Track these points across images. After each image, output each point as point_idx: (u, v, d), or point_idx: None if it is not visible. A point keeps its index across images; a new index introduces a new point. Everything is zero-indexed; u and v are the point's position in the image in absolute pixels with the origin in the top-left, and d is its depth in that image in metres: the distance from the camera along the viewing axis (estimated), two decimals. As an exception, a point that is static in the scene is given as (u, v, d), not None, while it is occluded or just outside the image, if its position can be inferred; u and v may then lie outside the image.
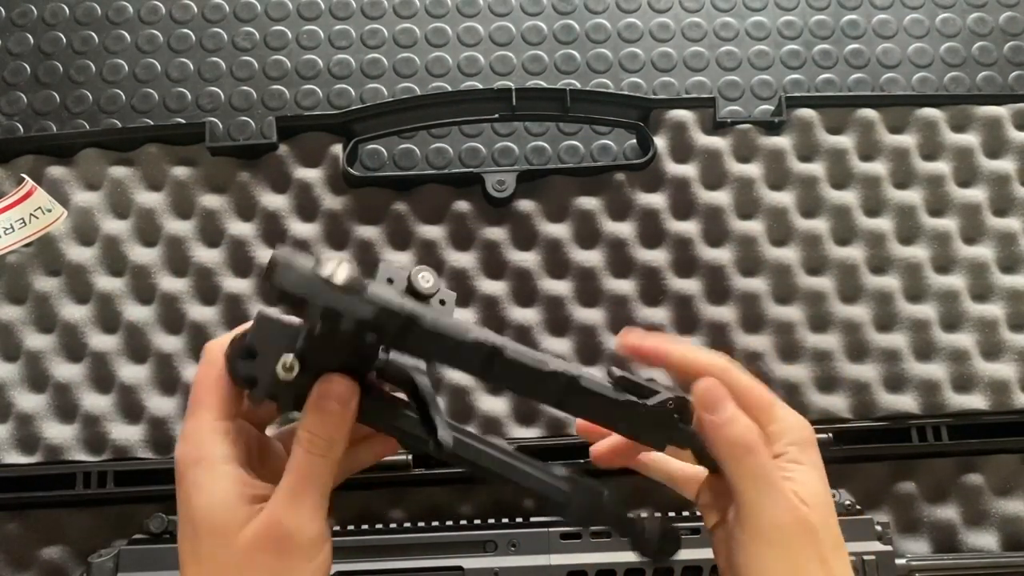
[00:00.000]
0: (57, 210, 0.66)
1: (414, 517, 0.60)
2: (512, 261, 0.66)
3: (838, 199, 0.68)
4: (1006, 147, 0.69)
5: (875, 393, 0.64)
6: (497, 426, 0.63)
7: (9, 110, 0.76)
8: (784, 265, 0.66)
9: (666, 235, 0.67)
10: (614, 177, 0.68)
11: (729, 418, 0.39)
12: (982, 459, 0.64)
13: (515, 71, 0.78)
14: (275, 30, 0.79)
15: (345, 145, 0.67)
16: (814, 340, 0.65)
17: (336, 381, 0.37)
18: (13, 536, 0.62)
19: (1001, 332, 0.66)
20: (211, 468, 0.37)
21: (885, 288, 0.66)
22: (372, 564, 0.55)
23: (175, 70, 0.77)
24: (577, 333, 0.65)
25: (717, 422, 0.39)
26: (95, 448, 0.63)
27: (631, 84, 0.77)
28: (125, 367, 0.64)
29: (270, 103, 0.77)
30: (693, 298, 0.66)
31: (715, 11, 0.80)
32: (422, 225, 0.67)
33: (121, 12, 0.79)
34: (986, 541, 0.63)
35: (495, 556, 0.55)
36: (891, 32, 0.79)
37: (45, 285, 0.65)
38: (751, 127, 0.68)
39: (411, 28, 0.79)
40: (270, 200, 0.67)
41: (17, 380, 0.64)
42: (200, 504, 0.37)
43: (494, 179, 0.66)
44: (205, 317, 0.65)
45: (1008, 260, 0.68)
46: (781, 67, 0.78)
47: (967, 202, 0.68)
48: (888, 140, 0.69)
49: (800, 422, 0.42)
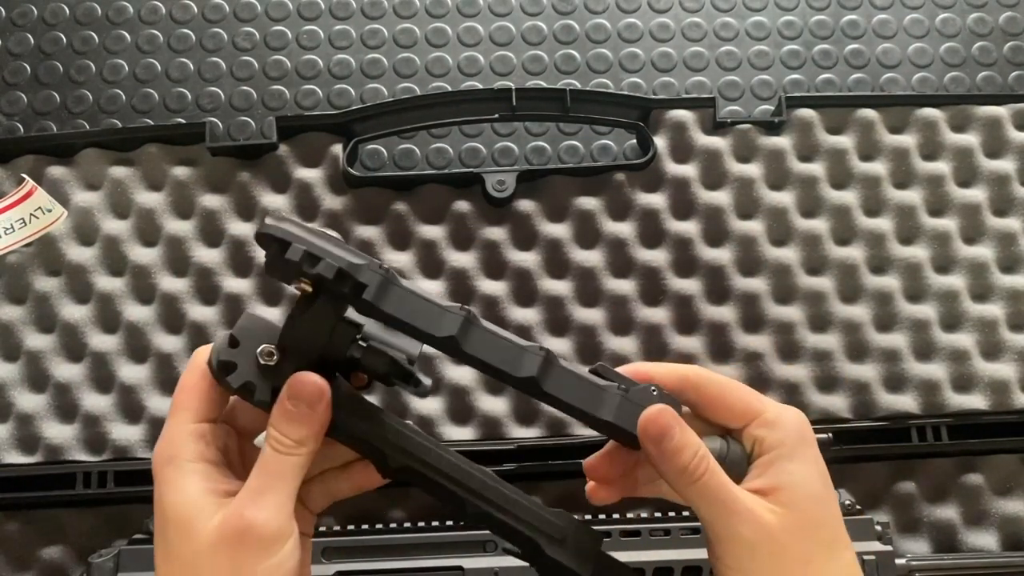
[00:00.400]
0: (57, 210, 0.66)
1: (414, 517, 0.60)
2: (512, 261, 0.66)
3: (838, 199, 0.68)
4: (1006, 147, 0.69)
5: (875, 393, 0.64)
6: (497, 426, 0.63)
7: (9, 110, 0.76)
8: (784, 265, 0.66)
9: (666, 235, 0.67)
10: (614, 177, 0.68)
11: (675, 447, 0.38)
12: (982, 459, 0.64)
13: (515, 71, 0.78)
14: (275, 30, 0.79)
15: (345, 145, 0.67)
16: (814, 340, 0.65)
17: (306, 380, 0.38)
18: (13, 536, 0.62)
19: (1001, 332, 0.66)
20: (180, 466, 0.38)
21: (885, 288, 0.66)
22: (372, 564, 0.55)
23: (175, 70, 0.77)
24: (577, 333, 0.65)
25: (665, 453, 0.39)
26: (95, 448, 0.63)
27: (631, 84, 0.77)
28: (125, 367, 0.64)
29: (270, 103, 0.77)
30: (693, 298, 0.66)
31: (715, 11, 0.80)
32: (422, 225, 0.67)
33: (121, 12, 0.79)
34: (986, 541, 0.63)
35: (495, 556, 0.55)
36: (891, 32, 0.79)
37: (45, 285, 0.65)
38: (751, 127, 0.68)
39: (411, 28, 0.79)
40: (270, 200, 0.67)
41: (17, 380, 0.64)
42: (169, 501, 0.38)
43: (494, 179, 0.66)
44: (205, 317, 0.65)
45: (1008, 260, 0.68)
46: (781, 67, 0.78)
47: (967, 202, 0.68)
48: (888, 140, 0.69)
49: (793, 418, 0.41)
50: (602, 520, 0.56)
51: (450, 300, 0.65)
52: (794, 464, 0.40)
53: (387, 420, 0.40)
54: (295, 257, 0.36)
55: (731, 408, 0.42)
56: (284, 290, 0.66)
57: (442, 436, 0.63)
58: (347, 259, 0.37)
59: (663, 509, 0.58)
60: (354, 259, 0.37)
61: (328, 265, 0.36)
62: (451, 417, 0.64)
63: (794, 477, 0.39)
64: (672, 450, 0.39)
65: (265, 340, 0.39)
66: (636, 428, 0.39)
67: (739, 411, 0.42)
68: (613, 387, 0.40)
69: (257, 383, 0.39)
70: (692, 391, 0.42)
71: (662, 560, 0.55)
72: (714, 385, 0.42)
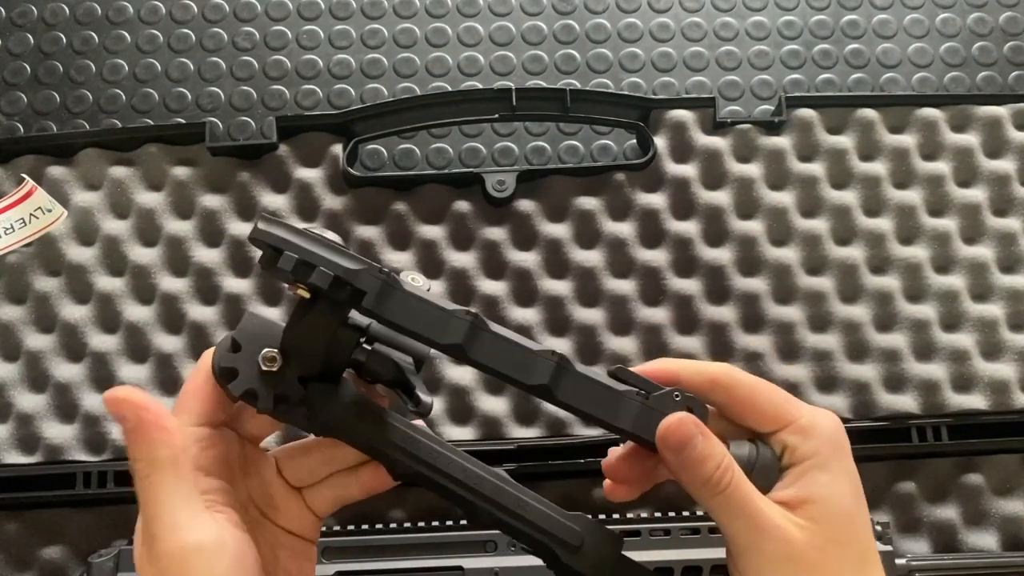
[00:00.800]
0: (57, 210, 0.66)
1: (414, 517, 0.60)
2: (512, 261, 0.66)
3: (838, 199, 0.68)
4: (1006, 147, 0.69)
5: (875, 393, 0.64)
6: (497, 426, 0.63)
7: (9, 110, 0.76)
8: (784, 265, 0.66)
9: (666, 235, 0.67)
10: (614, 177, 0.68)
11: (697, 457, 0.37)
12: (982, 459, 0.64)
13: (515, 71, 0.78)
14: (275, 30, 0.79)
15: (345, 145, 0.67)
16: (814, 340, 0.65)
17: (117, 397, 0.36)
18: (13, 536, 0.62)
19: (1001, 332, 0.66)
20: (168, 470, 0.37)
21: (885, 288, 0.66)
22: (372, 564, 0.55)
23: (175, 70, 0.77)
24: (577, 333, 0.65)
25: (686, 463, 0.37)
26: (95, 448, 0.63)
27: (631, 84, 0.77)
28: (125, 367, 0.64)
29: (270, 103, 0.77)
30: (693, 298, 0.66)
31: (715, 11, 0.80)
32: (422, 225, 0.67)
33: (121, 12, 0.79)
34: (986, 541, 0.63)
35: (495, 556, 0.55)
36: (891, 32, 0.79)
37: (45, 285, 0.65)
38: (751, 127, 0.68)
39: (411, 28, 0.79)
40: (270, 200, 0.67)
41: (17, 380, 0.64)
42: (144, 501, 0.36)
43: (494, 179, 0.66)
44: (205, 317, 0.65)
45: (1008, 260, 0.68)
46: (781, 67, 0.78)
47: (967, 202, 0.68)
48: (888, 140, 0.69)
49: (828, 425, 0.39)
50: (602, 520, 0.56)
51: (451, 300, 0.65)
52: (827, 476, 0.38)
53: (395, 424, 0.39)
54: (287, 267, 0.35)
55: (762, 413, 0.39)
56: (285, 290, 0.66)
57: (442, 436, 0.63)
58: (344, 265, 0.35)
59: (663, 509, 0.58)
60: (351, 264, 0.36)
61: (322, 274, 0.35)
62: (451, 417, 0.64)
63: (826, 490, 0.37)
64: (694, 460, 0.37)
65: (268, 343, 0.38)
66: (655, 436, 0.38)
67: (770, 416, 0.39)
68: (632, 392, 0.38)
69: (260, 391, 0.38)
70: (721, 392, 0.40)
71: (662, 560, 0.55)
72: (744, 387, 0.39)
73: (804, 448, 0.38)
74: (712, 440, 0.37)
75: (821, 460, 0.38)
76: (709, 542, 0.55)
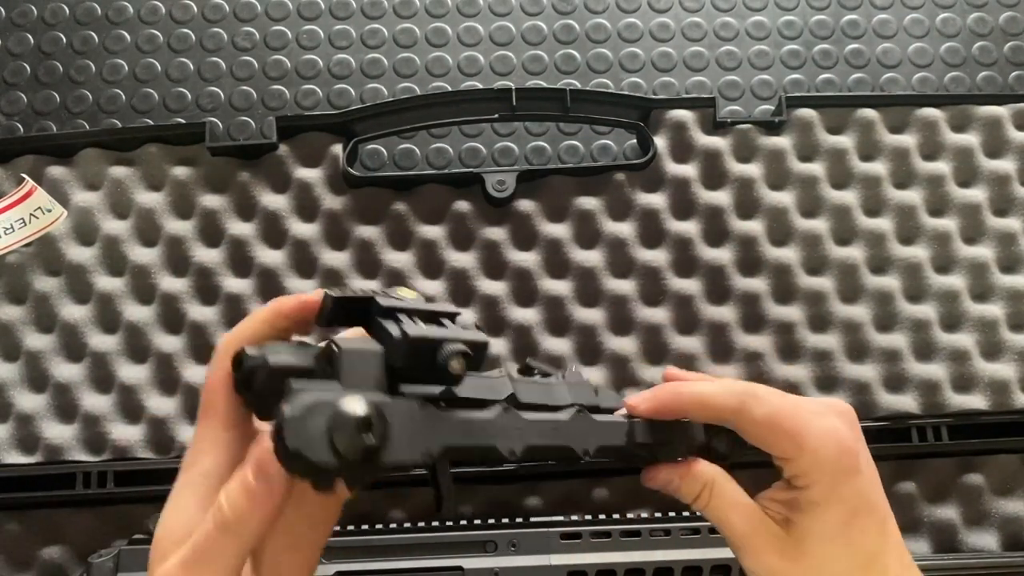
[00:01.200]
0: (57, 210, 0.66)
1: (414, 517, 0.60)
2: (512, 261, 0.66)
3: (838, 199, 0.68)
4: (1006, 147, 0.69)
5: (875, 393, 0.64)
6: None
7: (9, 110, 0.76)
8: (784, 265, 0.66)
9: (666, 235, 0.67)
10: (614, 177, 0.68)
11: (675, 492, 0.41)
12: (982, 459, 0.64)
13: (515, 71, 0.78)
14: (275, 30, 0.79)
15: (345, 145, 0.67)
16: (814, 340, 0.65)
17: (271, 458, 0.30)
18: (13, 536, 0.62)
19: (1001, 332, 0.66)
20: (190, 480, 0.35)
21: (885, 288, 0.66)
22: (372, 564, 0.55)
23: (175, 70, 0.77)
24: (577, 333, 0.65)
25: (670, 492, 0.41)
26: (95, 448, 0.63)
27: (631, 84, 0.77)
28: (125, 367, 0.64)
29: (270, 103, 0.77)
30: (693, 298, 0.66)
31: (715, 11, 0.80)
32: (422, 225, 0.67)
33: (121, 12, 0.79)
34: (986, 541, 0.63)
35: (495, 556, 0.55)
36: (891, 32, 0.79)
37: (45, 285, 0.65)
38: (751, 127, 0.68)
39: (411, 28, 0.79)
40: (270, 200, 0.67)
41: (17, 380, 0.64)
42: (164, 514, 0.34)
43: (494, 179, 0.66)
44: (205, 317, 0.65)
45: (1008, 260, 0.68)
46: (781, 67, 0.78)
47: (967, 202, 0.68)
48: (888, 140, 0.69)
49: (830, 454, 0.39)
50: (602, 520, 0.56)
51: (450, 301, 0.65)
52: (822, 506, 0.39)
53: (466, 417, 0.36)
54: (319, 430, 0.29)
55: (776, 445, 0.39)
56: (286, 290, 0.66)
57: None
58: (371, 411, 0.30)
59: (663, 509, 0.58)
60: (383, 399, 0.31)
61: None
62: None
63: (816, 524, 0.39)
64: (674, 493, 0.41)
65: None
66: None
67: (781, 447, 0.39)
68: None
69: None
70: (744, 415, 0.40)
71: (662, 560, 0.55)
72: (750, 430, 0.40)
73: (802, 481, 0.39)
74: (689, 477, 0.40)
75: (814, 494, 0.39)
76: (709, 542, 0.55)
